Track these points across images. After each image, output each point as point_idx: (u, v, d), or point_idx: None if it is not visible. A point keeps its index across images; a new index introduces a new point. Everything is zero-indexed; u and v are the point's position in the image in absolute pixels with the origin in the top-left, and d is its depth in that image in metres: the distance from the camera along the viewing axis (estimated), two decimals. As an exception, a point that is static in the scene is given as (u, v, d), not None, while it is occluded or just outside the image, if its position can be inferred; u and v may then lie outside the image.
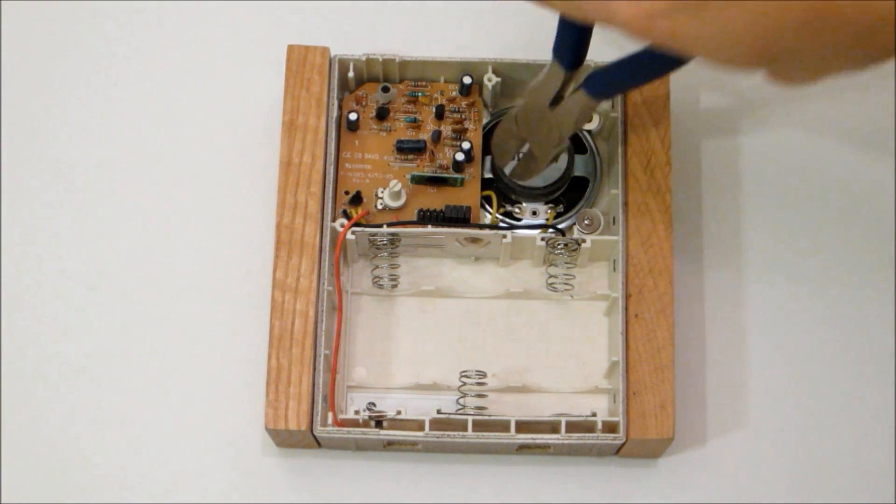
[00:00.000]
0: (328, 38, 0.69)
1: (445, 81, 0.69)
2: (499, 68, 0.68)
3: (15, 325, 0.68)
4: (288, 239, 0.65)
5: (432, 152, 0.68)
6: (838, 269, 0.69)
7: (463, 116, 0.69)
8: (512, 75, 0.69)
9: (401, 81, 0.69)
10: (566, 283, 0.67)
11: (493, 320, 0.68)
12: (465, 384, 0.65)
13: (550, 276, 0.68)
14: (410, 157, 0.68)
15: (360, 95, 0.69)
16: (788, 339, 0.68)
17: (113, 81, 0.72)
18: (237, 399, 0.66)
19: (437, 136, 0.68)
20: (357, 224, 0.66)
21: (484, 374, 0.66)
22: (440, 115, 0.68)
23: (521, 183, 0.67)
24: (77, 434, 0.67)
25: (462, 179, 0.67)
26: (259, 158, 0.70)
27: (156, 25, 0.73)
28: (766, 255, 0.70)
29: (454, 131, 0.68)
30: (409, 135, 0.68)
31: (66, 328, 0.68)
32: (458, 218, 0.67)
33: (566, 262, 0.67)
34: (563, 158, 0.67)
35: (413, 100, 0.69)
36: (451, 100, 0.69)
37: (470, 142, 0.67)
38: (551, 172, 0.67)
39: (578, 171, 0.68)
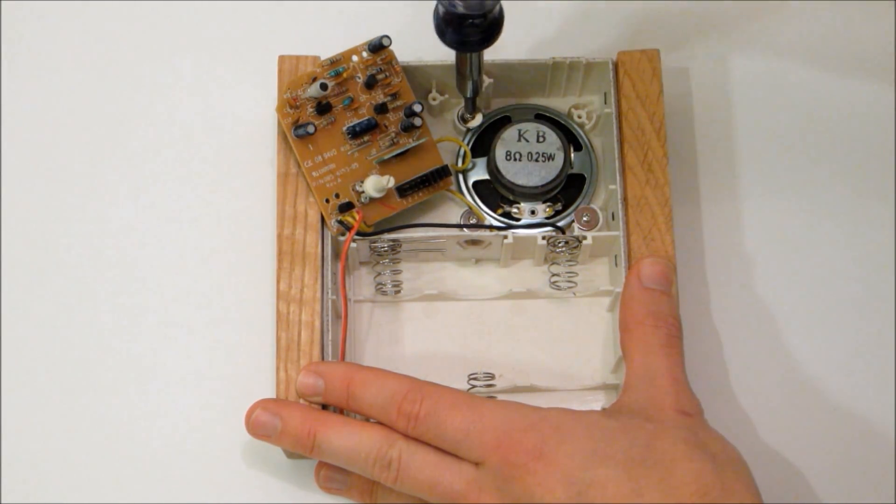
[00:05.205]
0: (319, 46, 0.69)
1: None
2: (490, 70, 0.68)
3: (12, 338, 0.68)
4: (290, 250, 0.65)
5: (385, 125, 0.67)
6: (842, 260, 0.70)
7: (386, 74, 0.67)
8: (503, 75, 0.69)
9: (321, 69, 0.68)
10: (569, 281, 0.68)
11: (498, 321, 0.68)
12: (473, 386, 0.65)
13: (553, 275, 0.68)
14: (365, 138, 0.67)
15: (291, 98, 0.67)
16: (791, 328, 0.68)
17: (108, 98, 0.72)
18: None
19: (381, 108, 0.67)
20: (357, 232, 0.66)
21: (492, 376, 0.66)
22: (371, 84, 0.67)
23: (517, 182, 0.67)
24: (81, 440, 0.66)
25: (422, 141, 0.67)
26: (258, 169, 0.70)
27: (149, 39, 0.73)
28: (767, 242, 0.70)
29: (389, 94, 0.67)
30: (350, 116, 0.67)
31: (71, 338, 0.68)
32: (441, 176, 0.67)
33: (568, 260, 0.67)
34: (560, 157, 0.67)
35: (338, 77, 0.67)
36: (367, 62, 0.67)
37: (421, 104, 0.66)
38: (548, 171, 0.67)
39: (575, 169, 0.68)
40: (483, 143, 0.69)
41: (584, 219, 0.68)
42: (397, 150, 0.67)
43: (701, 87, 0.72)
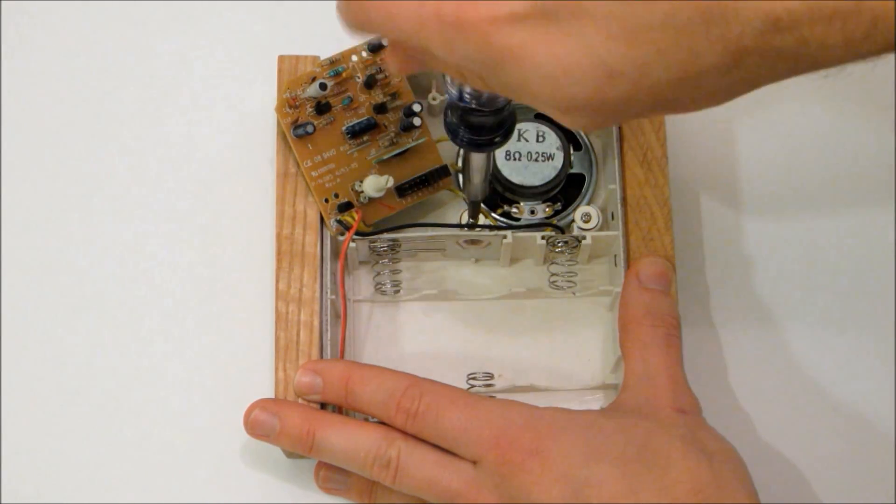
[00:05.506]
0: (318, 46, 0.69)
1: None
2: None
3: (12, 338, 0.68)
4: (289, 250, 0.65)
5: (384, 125, 0.67)
6: (842, 260, 0.70)
7: (386, 74, 0.67)
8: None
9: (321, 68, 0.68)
10: (569, 281, 0.67)
11: (497, 321, 0.68)
12: (473, 386, 0.65)
13: (552, 275, 0.68)
14: (365, 138, 0.67)
15: (291, 98, 0.66)
16: (791, 328, 0.68)
17: (108, 98, 0.72)
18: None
19: (381, 108, 0.67)
20: (357, 232, 0.66)
21: (491, 376, 0.66)
22: (370, 84, 0.67)
23: (517, 182, 0.67)
24: (80, 440, 0.66)
25: (421, 141, 0.67)
26: (257, 169, 0.70)
27: (149, 38, 0.74)
28: (767, 242, 0.70)
29: (388, 94, 0.67)
30: (349, 116, 0.67)
31: (70, 338, 0.68)
32: (440, 176, 0.67)
33: (567, 260, 0.67)
34: (560, 156, 0.67)
35: (337, 77, 0.67)
36: (366, 62, 0.67)
37: (420, 104, 0.67)
38: (548, 171, 0.67)
39: (575, 169, 0.68)
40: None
41: (583, 219, 0.67)
42: (397, 150, 0.67)
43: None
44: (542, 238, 0.66)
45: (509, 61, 0.48)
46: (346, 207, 0.66)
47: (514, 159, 0.67)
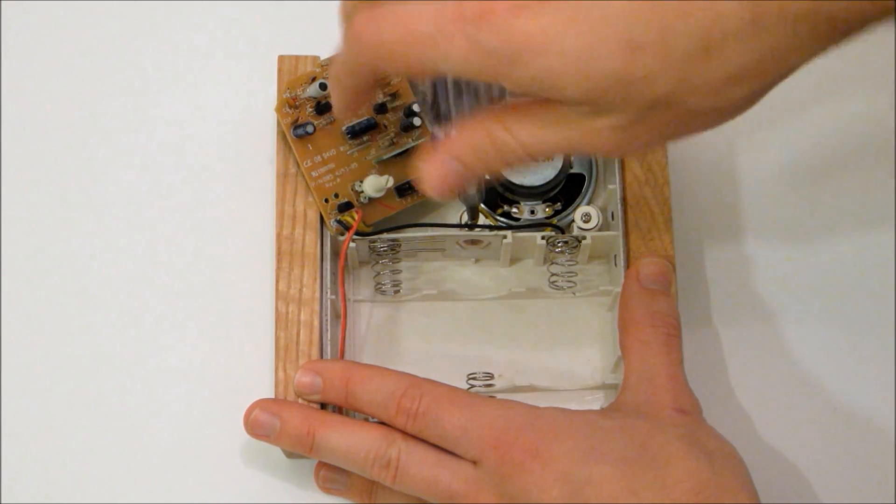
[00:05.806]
0: (319, 46, 0.69)
1: None
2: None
3: (11, 338, 0.68)
4: (289, 250, 0.65)
5: (384, 125, 0.67)
6: (842, 260, 0.69)
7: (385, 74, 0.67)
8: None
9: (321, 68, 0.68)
10: (569, 281, 0.68)
11: (497, 321, 0.68)
12: (473, 386, 0.65)
13: (552, 275, 0.68)
14: (365, 138, 0.67)
15: (291, 98, 0.67)
16: (791, 328, 0.68)
17: (107, 98, 0.72)
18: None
19: (381, 108, 0.67)
20: (356, 232, 0.66)
21: (491, 376, 0.66)
22: None
23: (517, 182, 0.67)
24: (79, 440, 0.66)
25: (421, 141, 0.67)
26: (257, 169, 0.70)
27: (149, 37, 0.74)
28: (767, 242, 0.70)
29: (388, 94, 0.67)
30: (349, 116, 0.66)
31: (70, 338, 0.68)
32: None
33: (567, 260, 0.67)
34: (560, 157, 0.67)
35: None
36: None
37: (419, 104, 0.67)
38: (548, 171, 0.67)
39: (575, 169, 0.68)
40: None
41: (583, 219, 0.67)
42: (397, 150, 0.67)
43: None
44: (542, 238, 0.66)
45: (534, 48, 0.47)
46: (346, 207, 0.66)
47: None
